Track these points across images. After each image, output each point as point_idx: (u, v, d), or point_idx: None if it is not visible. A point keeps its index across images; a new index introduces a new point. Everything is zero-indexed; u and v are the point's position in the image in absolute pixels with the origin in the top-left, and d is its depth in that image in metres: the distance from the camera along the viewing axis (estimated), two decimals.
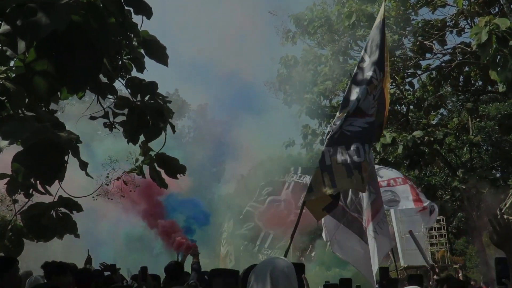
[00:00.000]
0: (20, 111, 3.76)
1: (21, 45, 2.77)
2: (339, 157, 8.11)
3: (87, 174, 4.05)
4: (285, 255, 7.69)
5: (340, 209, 9.27)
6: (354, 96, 8.51)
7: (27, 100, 3.71)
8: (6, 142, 3.37)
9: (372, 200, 9.34)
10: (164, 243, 18.96)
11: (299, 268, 3.40)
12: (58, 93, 4.87)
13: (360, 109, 8.41)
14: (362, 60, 8.92)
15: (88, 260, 8.50)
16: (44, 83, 3.07)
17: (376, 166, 11.04)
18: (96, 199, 5.79)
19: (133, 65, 5.13)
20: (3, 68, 3.79)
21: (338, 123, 8.39)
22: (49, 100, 4.07)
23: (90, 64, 3.03)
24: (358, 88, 8.57)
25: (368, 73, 8.58)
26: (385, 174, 14.02)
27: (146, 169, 5.41)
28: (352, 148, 8.17)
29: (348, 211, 9.41)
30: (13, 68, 4.00)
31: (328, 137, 8.50)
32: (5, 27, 2.86)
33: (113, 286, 6.74)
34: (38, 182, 4.72)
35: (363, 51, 9.17)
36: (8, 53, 2.85)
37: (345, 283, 6.59)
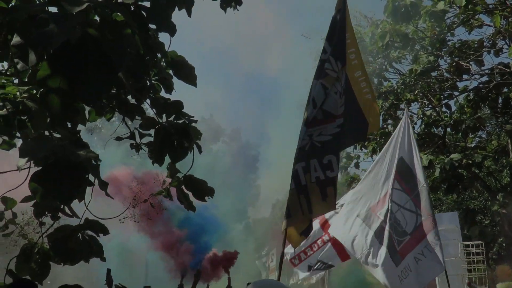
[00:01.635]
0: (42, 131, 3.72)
1: (32, 56, 2.71)
2: (313, 174, 7.26)
3: (107, 194, 3.96)
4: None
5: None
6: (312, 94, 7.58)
7: (48, 119, 3.66)
8: (23, 161, 3.30)
9: (419, 222, 9.14)
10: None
11: None
12: (86, 113, 4.87)
13: (327, 112, 7.46)
14: (324, 51, 7.77)
15: (109, 282, 8.39)
16: (57, 100, 3.00)
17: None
18: (123, 222, 5.72)
19: (161, 86, 5.09)
20: (25, 88, 3.74)
21: (306, 133, 7.40)
22: (70, 118, 4.01)
23: (103, 76, 2.94)
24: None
25: (325, 65, 7.57)
26: None
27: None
28: (324, 162, 7.34)
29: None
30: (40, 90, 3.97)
31: (298, 150, 7.42)
32: (16, 39, 2.80)
33: None
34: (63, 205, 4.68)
35: (325, 41, 7.92)
36: (19, 66, 2.79)
37: None
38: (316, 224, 10.64)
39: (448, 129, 21.76)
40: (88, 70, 2.90)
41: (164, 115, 4.74)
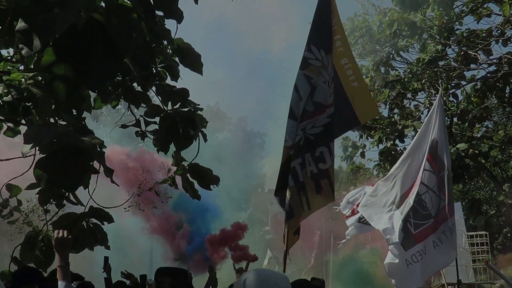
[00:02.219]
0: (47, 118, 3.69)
1: (37, 42, 2.66)
2: (308, 169, 7.14)
3: (113, 181, 3.94)
4: None
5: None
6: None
7: (53, 106, 3.63)
8: (28, 147, 3.26)
9: (442, 206, 9.12)
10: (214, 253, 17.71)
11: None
12: (92, 101, 4.84)
13: (318, 103, 7.25)
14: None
15: (108, 269, 8.25)
16: (62, 87, 2.96)
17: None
18: (128, 210, 5.69)
19: (167, 73, 5.05)
20: (30, 74, 3.71)
21: (299, 127, 7.19)
22: (75, 105, 3.98)
23: (109, 63, 2.89)
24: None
25: (304, 54, 7.38)
26: None
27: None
28: (316, 155, 7.22)
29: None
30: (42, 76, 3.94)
31: (285, 147, 7.23)
32: (21, 24, 2.75)
33: None
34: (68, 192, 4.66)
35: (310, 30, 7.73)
36: (24, 51, 2.74)
37: None
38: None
39: (455, 119, 21.63)
40: (93, 56, 2.86)
41: (169, 103, 4.71)
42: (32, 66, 3.98)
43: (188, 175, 5.10)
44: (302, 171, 7.06)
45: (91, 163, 3.68)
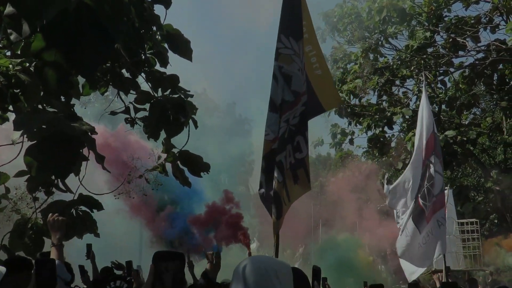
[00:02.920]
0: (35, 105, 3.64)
1: (26, 27, 2.61)
2: (288, 161, 6.86)
3: (104, 168, 3.90)
4: None
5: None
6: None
7: (42, 93, 3.58)
8: (18, 134, 3.21)
9: (442, 187, 9.55)
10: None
11: (299, 274, 3.00)
12: (80, 87, 4.78)
13: (296, 92, 7.00)
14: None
15: (92, 256, 8.01)
16: (51, 73, 2.90)
17: None
18: (118, 198, 5.65)
19: (156, 60, 5.00)
20: (18, 60, 3.65)
21: (281, 119, 6.92)
22: (64, 92, 3.93)
23: (100, 48, 2.83)
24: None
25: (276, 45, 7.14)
26: None
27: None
28: (294, 145, 6.95)
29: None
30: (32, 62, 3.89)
31: (278, 139, 6.94)
32: (9, 9, 2.69)
33: None
34: (59, 179, 4.61)
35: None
36: (12, 36, 2.69)
37: None
38: None
39: (443, 106, 21.70)
40: (84, 41, 2.80)
41: (159, 90, 4.67)
42: (19, 52, 3.92)
43: (178, 162, 5.07)
44: (285, 166, 6.82)
45: (81, 150, 3.64)
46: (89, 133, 3.48)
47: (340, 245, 20.96)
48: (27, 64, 3.77)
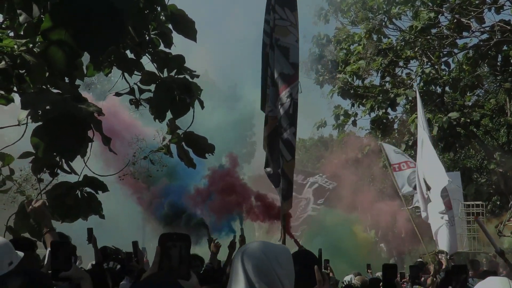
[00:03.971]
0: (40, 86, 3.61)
1: (35, 8, 2.58)
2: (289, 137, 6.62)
3: (110, 150, 3.88)
4: None
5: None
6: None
7: (47, 74, 3.55)
8: (24, 114, 3.19)
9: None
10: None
11: (309, 257, 2.95)
12: (84, 68, 4.75)
13: (295, 64, 6.92)
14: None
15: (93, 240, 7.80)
16: (60, 54, 2.86)
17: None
18: (123, 179, 5.63)
19: (160, 40, 4.96)
20: (23, 40, 3.61)
21: (284, 94, 6.70)
22: (70, 73, 3.89)
23: (110, 26, 2.79)
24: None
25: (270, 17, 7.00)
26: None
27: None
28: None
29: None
30: (38, 43, 3.85)
31: (282, 115, 6.67)
32: None
33: None
34: (63, 160, 4.60)
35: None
36: (22, 18, 2.65)
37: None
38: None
39: (447, 87, 21.61)
40: (93, 21, 2.77)
41: (165, 70, 4.64)
42: (22, 33, 3.88)
43: (183, 143, 5.05)
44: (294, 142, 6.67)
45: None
46: (96, 115, 3.45)
47: (330, 227, 20.72)
48: (31, 45, 3.73)
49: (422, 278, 8.92)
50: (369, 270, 12.53)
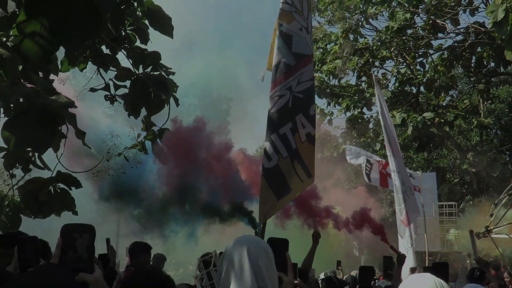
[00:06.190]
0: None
1: (11, 3, 2.53)
2: (302, 132, 6.12)
3: (84, 144, 3.84)
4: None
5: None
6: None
7: (21, 67, 3.50)
8: None
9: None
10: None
11: (282, 244, 2.94)
12: (59, 64, 4.70)
13: (298, 54, 6.20)
14: None
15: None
16: (34, 46, 2.81)
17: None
18: (97, 176, 5.56)
19: (136, 36, 4.92)
20: None
21: (283, 86, 6.08)
22: (44, 66, 3.85)
23: (88, 20, 2.74)
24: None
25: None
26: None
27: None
28: (311, 114, 6.23)
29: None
30: (11, 37, 3.80)
31: (275, 110, 6.04)
32: None
33: None
34: (36, 155, 4.54)
35: None
36: None
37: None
38: None
39: (422, 88, 21.83)
40: (71, 13, 2.71)
41: (140, 66, 4.61)
42: None
43: (158, 140, 5.03)
44: (294, 137, 6.09)
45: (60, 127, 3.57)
46: (68, 108, 3.40)
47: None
48: (4, 39, 3.69)
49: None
50: (339, 267, 12.32)
